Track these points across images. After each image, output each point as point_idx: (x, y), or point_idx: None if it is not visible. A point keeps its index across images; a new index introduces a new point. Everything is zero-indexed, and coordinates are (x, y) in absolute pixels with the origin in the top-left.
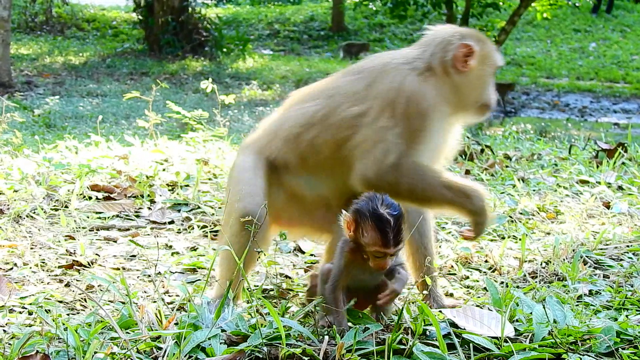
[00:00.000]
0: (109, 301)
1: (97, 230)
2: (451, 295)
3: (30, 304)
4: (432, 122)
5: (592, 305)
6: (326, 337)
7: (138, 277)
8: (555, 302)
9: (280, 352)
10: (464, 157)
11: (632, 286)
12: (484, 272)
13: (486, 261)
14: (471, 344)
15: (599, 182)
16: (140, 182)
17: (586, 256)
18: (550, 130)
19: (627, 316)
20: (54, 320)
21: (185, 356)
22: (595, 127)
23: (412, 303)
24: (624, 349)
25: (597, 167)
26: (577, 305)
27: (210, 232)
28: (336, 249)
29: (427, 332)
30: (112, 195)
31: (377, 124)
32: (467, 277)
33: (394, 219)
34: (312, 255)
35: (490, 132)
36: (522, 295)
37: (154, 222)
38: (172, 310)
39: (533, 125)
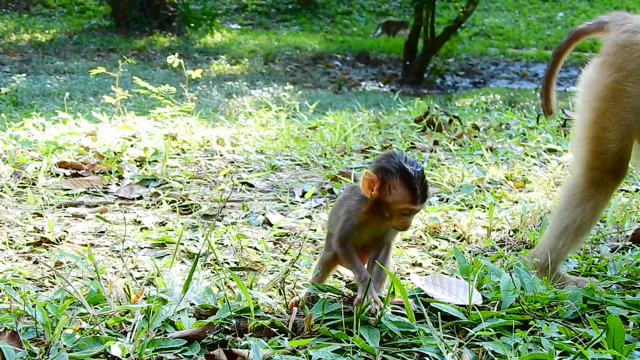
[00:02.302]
0: (78, 277)
1: (65, 207)
2: (420, 265)
3: None
4: None
5: None
6: (295, 309)
7: (107, 252)
8: (522, 270)
9: (249, 324)
10: (432, 127)
11: (598, 252)
12: (453, 241)
13: (454, 231)
14: (439, 313)
15: (567, 150)
16: (108, 159)
17: None
18: (519, 100)
19: (593, 282)
20: (22, 298)
21: (154, 330)
22: (563, 96)
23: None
24: (590, 314)
25: (565, 135)
26: None
27: (179, 207)
28: (344, 208)
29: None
30: (79, 172)
31: None
32: (436, 247)
33: (420, 174)
34: (280, 227)
35: (459, 102)
36: (490, 264)
37: (122, 198)
38: (141, 285)
39: (502, 95)
